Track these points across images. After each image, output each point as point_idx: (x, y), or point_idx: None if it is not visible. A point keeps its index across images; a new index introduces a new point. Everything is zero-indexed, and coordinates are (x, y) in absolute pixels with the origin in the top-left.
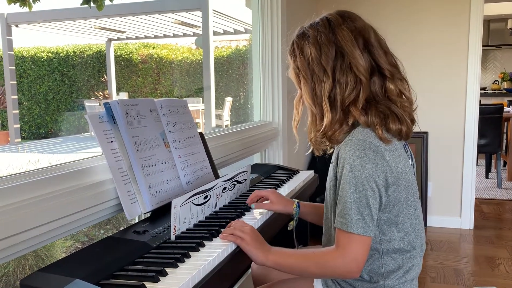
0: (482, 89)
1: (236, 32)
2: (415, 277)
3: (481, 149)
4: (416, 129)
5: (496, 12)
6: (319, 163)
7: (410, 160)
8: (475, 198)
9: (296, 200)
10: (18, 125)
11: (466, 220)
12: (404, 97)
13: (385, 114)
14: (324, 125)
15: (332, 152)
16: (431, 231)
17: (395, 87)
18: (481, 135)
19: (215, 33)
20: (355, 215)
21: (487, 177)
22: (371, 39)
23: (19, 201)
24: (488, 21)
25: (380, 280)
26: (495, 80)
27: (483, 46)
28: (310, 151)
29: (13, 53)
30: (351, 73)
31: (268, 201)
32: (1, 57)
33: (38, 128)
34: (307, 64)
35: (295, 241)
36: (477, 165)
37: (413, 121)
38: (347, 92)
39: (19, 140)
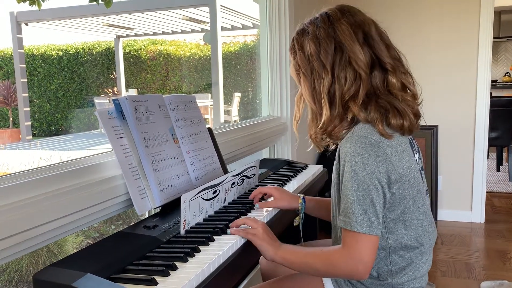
0: (493, 81)
1: (244, 27)
2: (425, 273)
3: (492, 142)
4: (425, 122)
5: (507, 3)
6: (329, 158)
7: (416, 154)
8: (486, 192)
9: (302, 195)
10: (29, 123)
11: (477, 214)
12: (408, 91)
13: (386, 108)
14: (322, 121)
15: (335, 149)
16: (442, 225)
17: (397, 80)
18: (492, 128)
19: (223, 28)
20: (359, 214)
21: (498, 170)
22: (371, 33)
23: (31, 196)
24: (499, 13)
25: (389, 278)
26: (507, 72)
27: (494, 37)
28: (311, 147)
29: (23, 51)
30: (350, 68)
31: (272, 198)
32: (12, 55)
33: (49, 125)
34: (307, 60)
35: (301, 237)
36: (488, 158)
37: (416, 115)
38: (346, 87)
39: (31, 137)
